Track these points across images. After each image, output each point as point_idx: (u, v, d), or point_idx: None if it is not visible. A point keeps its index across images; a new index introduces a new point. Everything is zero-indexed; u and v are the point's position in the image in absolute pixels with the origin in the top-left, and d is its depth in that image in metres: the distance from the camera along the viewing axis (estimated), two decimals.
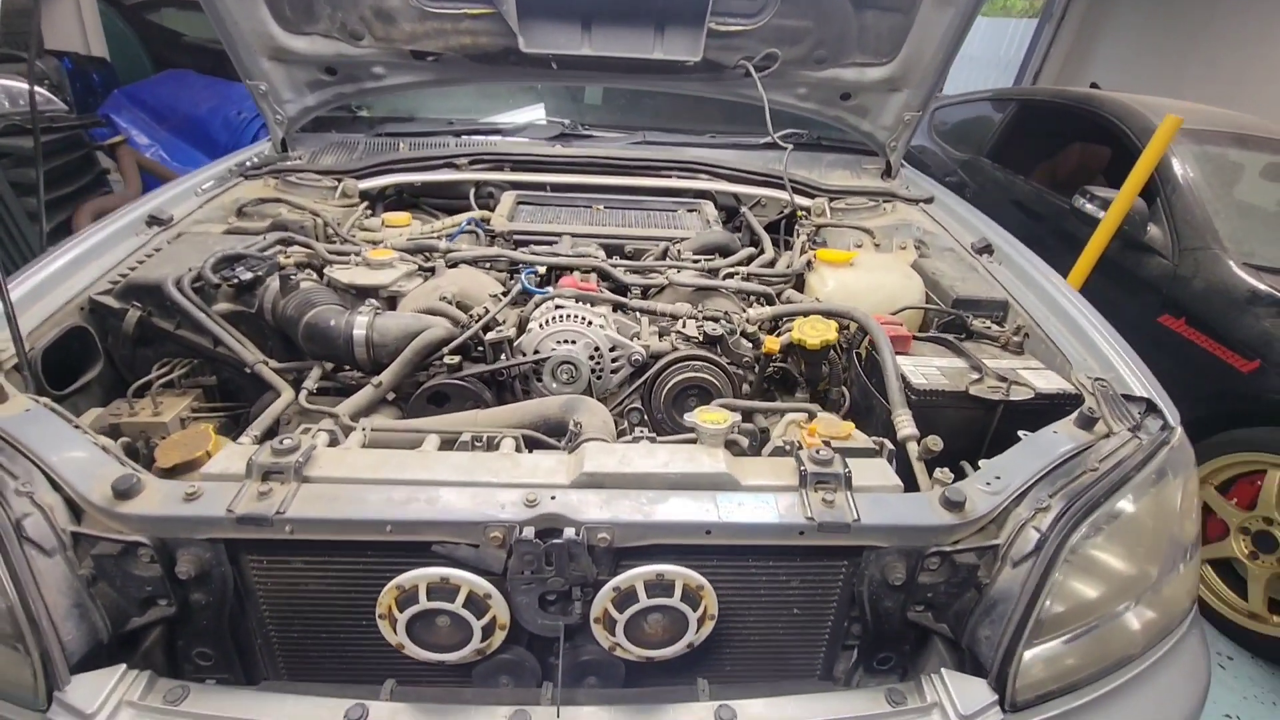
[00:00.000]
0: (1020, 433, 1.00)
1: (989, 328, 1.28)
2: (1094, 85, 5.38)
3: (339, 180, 1.71)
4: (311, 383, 1.11)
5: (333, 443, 0.92)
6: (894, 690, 0.82)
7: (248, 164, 1.75)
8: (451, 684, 0.88)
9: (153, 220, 1.42)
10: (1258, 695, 2.16)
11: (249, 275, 1.19)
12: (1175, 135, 2.85)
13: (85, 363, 1.18)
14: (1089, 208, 2.95)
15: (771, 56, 1.69)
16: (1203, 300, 2.46)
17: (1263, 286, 2.34)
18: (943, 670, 0.82)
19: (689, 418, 0.94)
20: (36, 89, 2.80)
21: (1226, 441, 2.35)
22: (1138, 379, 1.09)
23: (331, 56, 1.72)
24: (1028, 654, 0.80)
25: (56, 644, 0.75)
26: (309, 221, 1.49)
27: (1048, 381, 1.10)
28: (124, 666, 0.77)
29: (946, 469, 0.94)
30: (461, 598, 0.77)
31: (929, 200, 1.81)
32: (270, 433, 1.02)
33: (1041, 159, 3.90)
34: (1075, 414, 0.99)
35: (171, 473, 0.89)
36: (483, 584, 0.78)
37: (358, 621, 0.85)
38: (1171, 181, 2.79)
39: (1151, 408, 1.03)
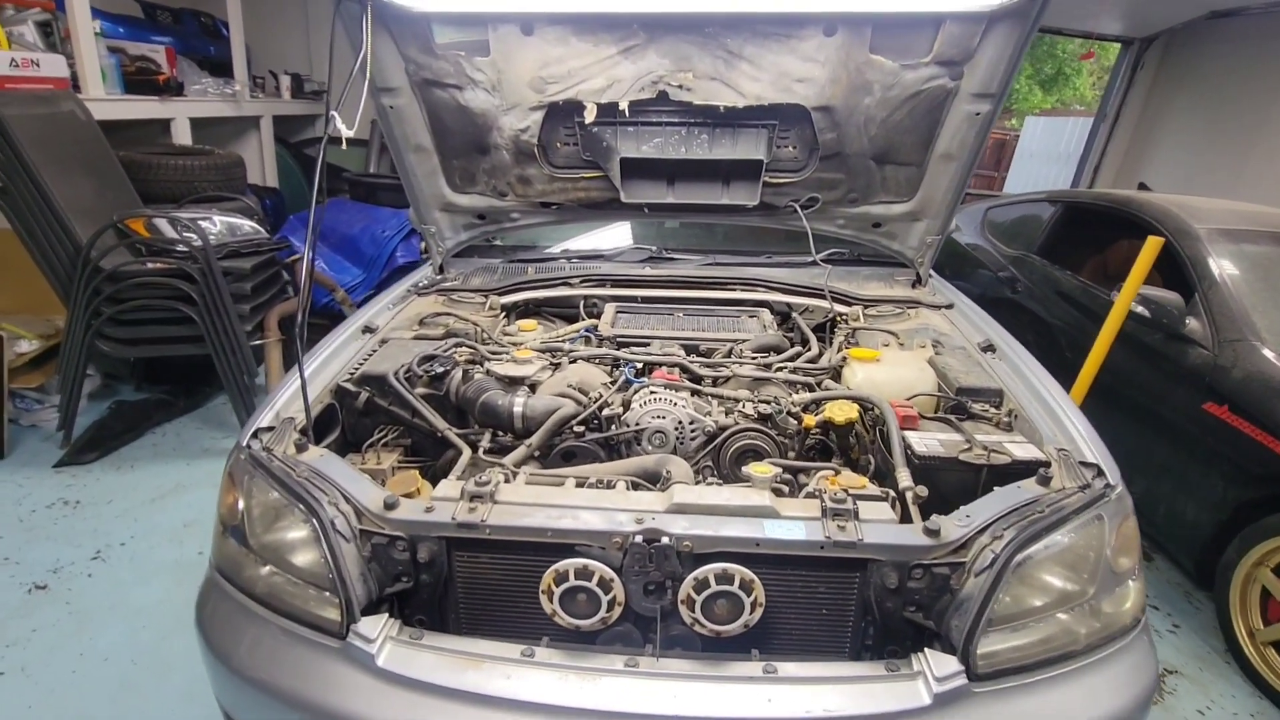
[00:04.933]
0: (995, 487, 1.35)
1: (986, 410, 1.64)
2: (1142, 185, 5.63)
3: (486, 296, 2.30)
4: (486, 443, 1.61)
5: (507, 481, 1.39)
6: (891, 662, 1.17)
7: (420, 284, 2.38)
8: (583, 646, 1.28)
9: (366, 329, 2.02)
10: None
11: (441, 369, 1.73)
12: (1211, 236, 3.11)
13: (330, 427, 1.74)
14: None
15: (814, 199, 2.19)
16: (1243, 388, 2.64)
17: None
18: (925, 650, 1.16)
19: (745, 469, 1.36)
20: (249, 222, 3.68)
21: (1278, 523, 2.47)
22: (1091, 450, 1.42)
23: (484, 207, 2.35)
24: (984, 639, 1.14)
25: (353, 597, 1.22)
26: (470, 329, 2.05)
27: (1024, 451, 1.44)
28: (388, 615, 1.24)
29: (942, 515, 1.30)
30: (595, 579, 1.19)
31: (949, 306, 2.21)
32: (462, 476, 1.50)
33: (1090, 254, 4.16)
34: (1036, 475, 1.34)
35: None
36: (609, 571, 1.20)
37: (522, 597, 1.28)
38: (1208, 278, 3.03)
39: (1100, 471, 1.36)
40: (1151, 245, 2.72)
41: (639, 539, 1.20)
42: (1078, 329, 3.65)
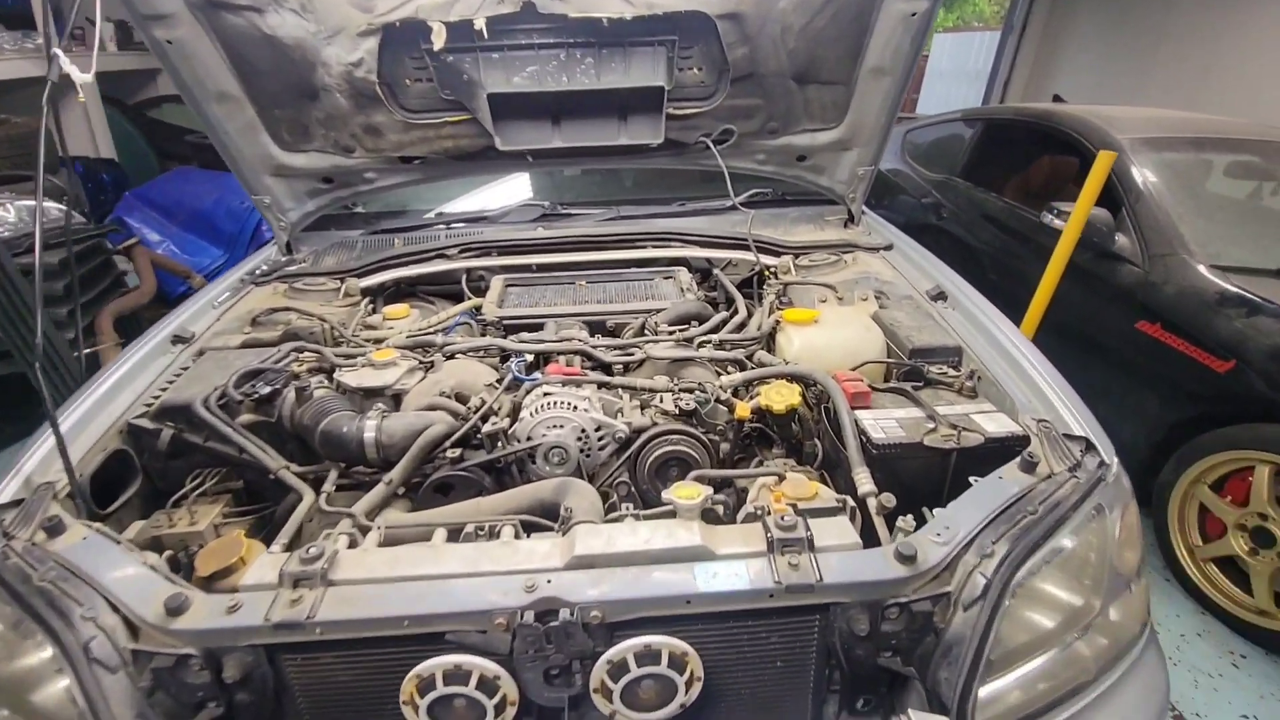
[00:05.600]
0: (970, 478, 1.10)
1: (945, 374, 1.39)
2: (1057, 97, 5.54)
3: (341, 280, 1.86)
4: (330, 485, 1.22)
5: (352, 544, 1.03)
6: None
7: (257, 271, 1.91)
8: None
9: (176, 339, 1.56)
10: (1275, 693, 2.17)
11: (267, 389, 1.32)
12: (1134, 146, 2.97)
13: (125, 480, 1.31)
14: (1056, 223, 3.05)
15: (728, 132, 1.84)
16: (1176, 304, 2.53)
17: (1231, 288, 2.40)
18: (910, 710, 0.91)
19: (666, 494, 1.05)
20: (56, 205, 3.01)
21: (1213, 440, 2.40)
22: (1076, 418, 1.19)
23: (328, 168, 1.88)
24: (983, 691, 0.89)
25: None
26: (317, 327, 1.62)
27: (997, 425, 1.20)
28: None
29: (909, 516, 1.04)
30: (474, 681, 0.87)
31: (888, 247, 1.94)
32: (297, 535, 1.13)
33: (1013, 173, 4.02)
34: (1018, 459, 1.09)
35: (211, 580, 1.01)
36: (492, 666, 0.88)
37: (384, 707, 0.95)
38: (1134, 191, 2.89)
39: (1090, 446, 1.13)
40: (1103, 160, 2.53)
41: (529, 616, 0.88)
42: (1004, 252, 3.53)
